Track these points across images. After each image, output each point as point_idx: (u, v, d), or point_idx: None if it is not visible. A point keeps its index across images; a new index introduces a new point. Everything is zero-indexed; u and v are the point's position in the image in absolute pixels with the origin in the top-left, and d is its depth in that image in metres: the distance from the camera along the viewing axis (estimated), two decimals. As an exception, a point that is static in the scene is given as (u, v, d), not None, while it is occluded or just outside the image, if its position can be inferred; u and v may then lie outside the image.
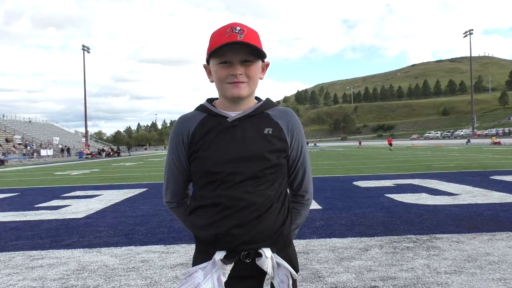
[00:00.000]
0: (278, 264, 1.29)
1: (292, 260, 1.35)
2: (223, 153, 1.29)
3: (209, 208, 1.30)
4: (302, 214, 1.47)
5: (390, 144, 48.98)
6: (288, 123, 1.36)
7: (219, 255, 1.26)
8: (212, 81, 1.37)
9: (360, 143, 68.58)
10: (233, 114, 1.34)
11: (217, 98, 1.42)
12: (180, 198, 1.46)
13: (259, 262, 1.26)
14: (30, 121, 71.52)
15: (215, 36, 1.30)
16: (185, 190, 1.47)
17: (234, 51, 1.27)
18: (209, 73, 1.38)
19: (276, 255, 1.30)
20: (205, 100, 1.43)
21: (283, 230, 1.32)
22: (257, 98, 1.42)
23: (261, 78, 1.38)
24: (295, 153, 1.38)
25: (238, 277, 1.27)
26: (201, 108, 1.40)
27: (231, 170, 1.27)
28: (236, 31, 1.26)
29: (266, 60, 1.37)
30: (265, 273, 1.27)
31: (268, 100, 1.42)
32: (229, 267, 1.26)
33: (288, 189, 1.45)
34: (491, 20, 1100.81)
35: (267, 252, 1.27)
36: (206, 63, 1.39)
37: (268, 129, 1.33)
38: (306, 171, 1.43)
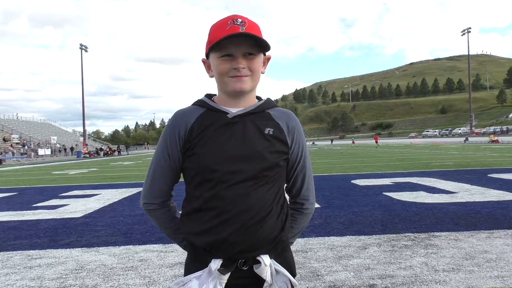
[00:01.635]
0: (277, 271, 1.25)
1: (290, 265, 1.31)
2: (222, 150, 1.22)
3: (205, 212, 1.22)
4: (300, 223, 1.39)
5: (376, 142, 49.71)
6: (289, 124, 1.31)
7: (216, 263, 1.20)
8: (211, 76, 1.30)
9: (353, 142, 68.15)
10: (233, 110, 1.28)
11: (215, 94, 1.35)
12: (164, 199, 1.34)
13: (257, 270, 1.21)
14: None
15: (215, 28, 1.24)
16: (170, 191, 1.35)
17: (237, 43, 1.20)
18: (208, 67, 1.31)
19: (274, 261, 1.25)
20: (203, 96, 1.36)
21: (282, 236, 1.27)
22: (258, 97, 1.37)
23: (262, 73, 1.32)
24: (295, 155, 1.32)
25: (235, 286, 1.22)
26: (199, 103, 1.32)
27: (230, 169, 1.20)
28: (238, 23, 1.20)
29: (267, 53, 1.30)
30: (263, 280, 1.22)
31: (269, 99, 1.37)
32: (226, 276, 1.19)
33: (287, 195, 1.38)
34: (489, 18, 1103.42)
35: (265, 259, 1.22)
36: (205, 57, 1.32)
37: (269, 129, 1.27)
38: (306, 177, 1.35)
